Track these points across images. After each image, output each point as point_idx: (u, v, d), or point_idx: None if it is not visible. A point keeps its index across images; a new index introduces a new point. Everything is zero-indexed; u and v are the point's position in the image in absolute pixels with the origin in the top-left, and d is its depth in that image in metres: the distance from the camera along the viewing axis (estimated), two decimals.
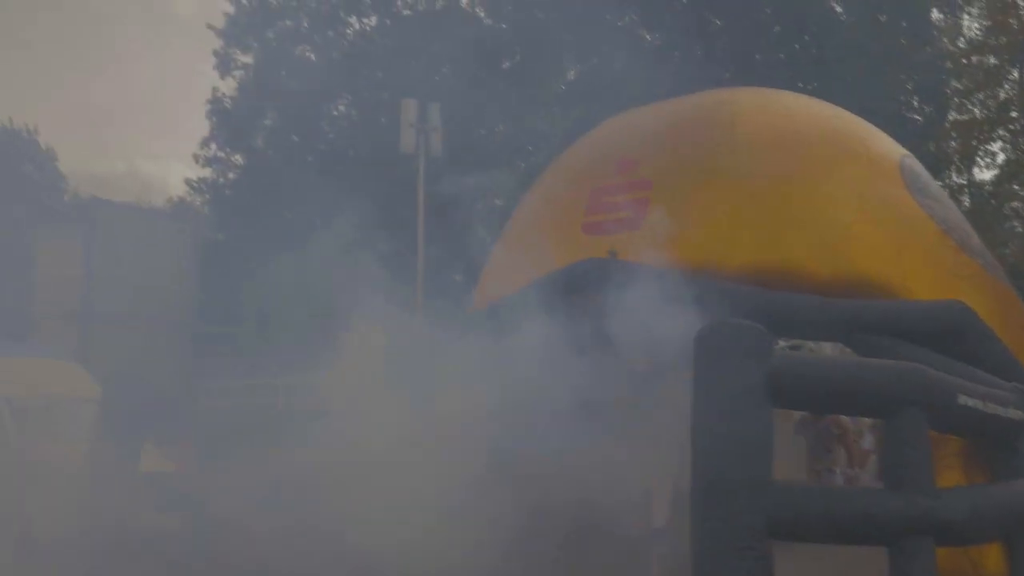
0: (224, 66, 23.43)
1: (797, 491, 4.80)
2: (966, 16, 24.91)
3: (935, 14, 23.17)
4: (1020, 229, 21.13)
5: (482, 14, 23.55)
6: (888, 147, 7.49)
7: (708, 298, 6.21)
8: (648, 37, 22.35)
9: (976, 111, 23.35)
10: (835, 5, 20.61)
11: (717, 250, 6.65)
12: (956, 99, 22.40)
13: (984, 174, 22.38)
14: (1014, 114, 21.08)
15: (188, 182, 22.55)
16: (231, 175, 23.07)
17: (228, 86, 23.38)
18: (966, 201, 20.60)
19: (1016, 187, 21.11)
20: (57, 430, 9.94)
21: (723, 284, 6.29)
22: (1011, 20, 19.50)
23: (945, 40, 22.93)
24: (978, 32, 25.39)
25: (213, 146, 22.96)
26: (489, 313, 7.47)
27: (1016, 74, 21.39)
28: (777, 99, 7.79)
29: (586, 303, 6.43)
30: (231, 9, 23.45)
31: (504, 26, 21.95)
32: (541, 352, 6.23)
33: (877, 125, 7.84)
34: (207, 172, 22.94)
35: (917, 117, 20.57)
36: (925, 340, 6.21)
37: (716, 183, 6.92)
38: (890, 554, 4.89)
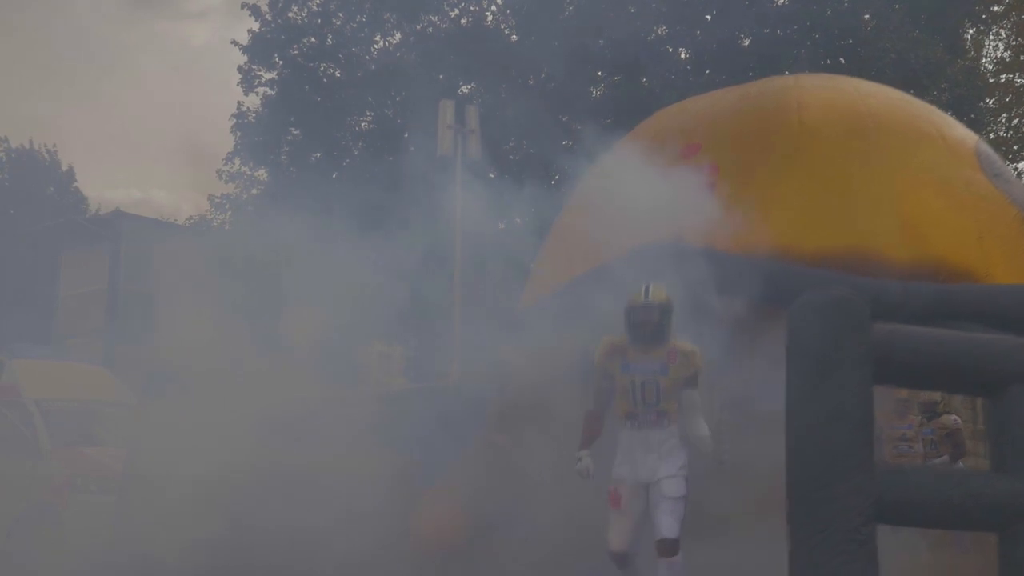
0: (248, 83, 23.32)
1: (906, 472, 4.47)
2: (997, 35, 24.78)
3: (969, 32, 22.97)
4: None
5: (507, 30, 23.41)
6: (962, 131, 7.24)
7: (783, 282, 5.95)
8: (679, 52, 22.17)
9: (1002, 131, 23.16)
10: (870, 19, 20.40)
11: (790, 235, 6.38)
12: (988, 117, 22.20)
13: None
14: None
15: (211, 198, 22.41)
16: (255, 191, 22.93)
17: (252, 102, 23.25)
18: None
19: None
20: (89, 434, 9.72)
21: (800, 268, 6.01)
22: None
23: (974, 55, 22.73)
24: (1007, 53, 25.29)
25: (237, 161, 22.83)
26: (543, 304, 7.24)
27: None
28: (843, 84, 7.54)
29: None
30: (255, 26, 23.36)
31: (531, 41, 21.78)
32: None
33: None
34: (230, 188, 22.82)
35: None
36: (1012, 325, 5.90)
37: (787, 168, 6.68)
38: (1000, 540, 4.56)
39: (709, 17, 21.22)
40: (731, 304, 5.95)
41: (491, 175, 15.38)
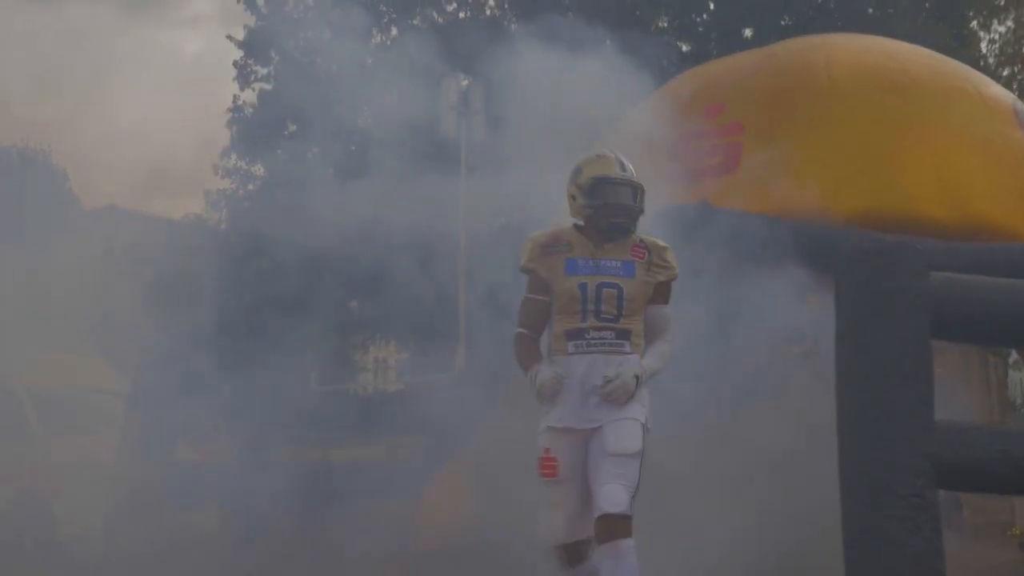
0: (244, 78, 22.98)
1: (968, 431, 4.12)
2: (997, 30, 24.57)
3: (973, 22, 22.71)
4: None
5: (507, 23, 23.10)
6: (998, 88, 6.93)
7: (822, 243, 5.62)
8: (680, 44, 21.86)
9: None
10: (871, 8, 20.12)
11: (825, 195, 6.05)
12: None
13: None
14: None
15: (207, 194, 22.07)
16: (251, 186, 22.57)
17: (248, 96, 22.92)
18: None
19: None
20: (82, 422, 9.39)
21: (840, 229, 5.68)
22: None
23: (982, 46, 22.50)
24: (1010, 44, 25.07)
25: (234, 156, 22.48)
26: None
27: None
28: (872, 42, 7.24)
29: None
30: (252, 21, 23.04)
31: (530, 32, 21.48)
32: None
33: None
34: (226, 184, 22.45)
35: None
36: None
37: (817, 126, 6.36)
38: None
39: (712, 4, 20.91)
40: (766, 267, 5.62)
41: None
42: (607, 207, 4.01)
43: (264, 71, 23.04)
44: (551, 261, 4.01)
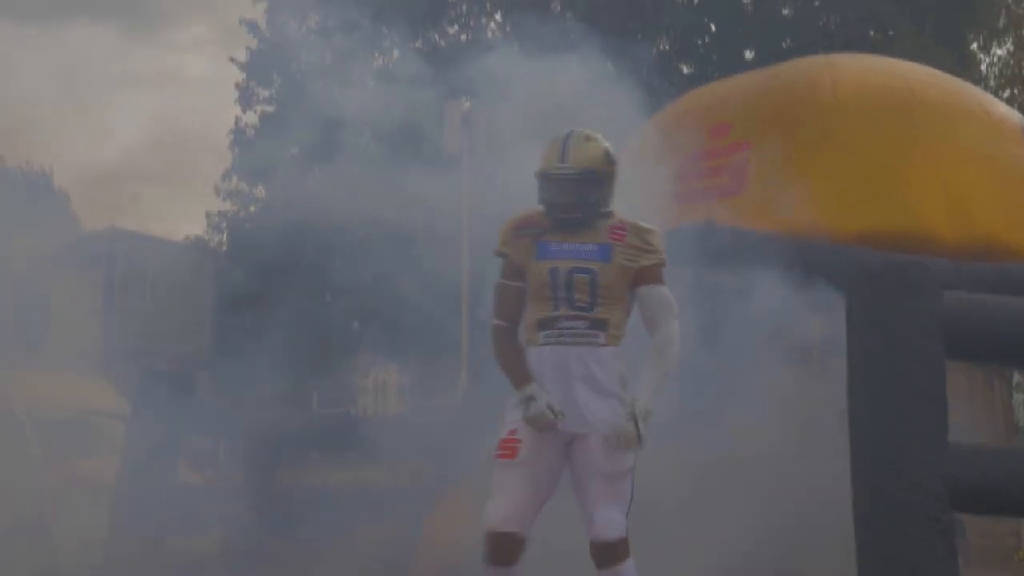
0: (245, 100, 23.06)
1: (983, 453, 4.06)
2: (996, 50, 24.67)
3: (973, 44, 22.79)
4: None
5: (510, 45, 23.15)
6: (1004, 108, 6.92)
7: (830, 263, 5.57)
8: (681, 66, 21.92)
9: None
10: (870, 31, 20.17)
11: (831, 215, 6.01)
12: None
13: None
14: None
15: (208, 216, 22.11)
16: (252, 208, 22.58)
17: (251, 119, 22.99)
18: None
19: None
20: (82, 444, 9.30)
21: (849, 248, 5.63)
22: None
23: (983, 68, 22.60)
24: (1009, 66, 25.17)
25: (234, 178, 22.51)
26: None
27: None
28: (877, 62, 7.24)
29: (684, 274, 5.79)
30: (253, 42, 23.12)
31: (535, 56, 21.53)
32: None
33: None
34: (227, 206, 22.49)
35: None
36: None
37: (824, 145, 6.33)
38: None
39: (713, 27, 20.98)
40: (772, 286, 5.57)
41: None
42: (550, 206, 3.68)
43: (266, 93, 23.11)
44: (523, 243, 3.67)
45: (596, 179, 3.66)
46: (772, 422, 5.35)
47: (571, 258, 3.61)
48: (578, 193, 3.63)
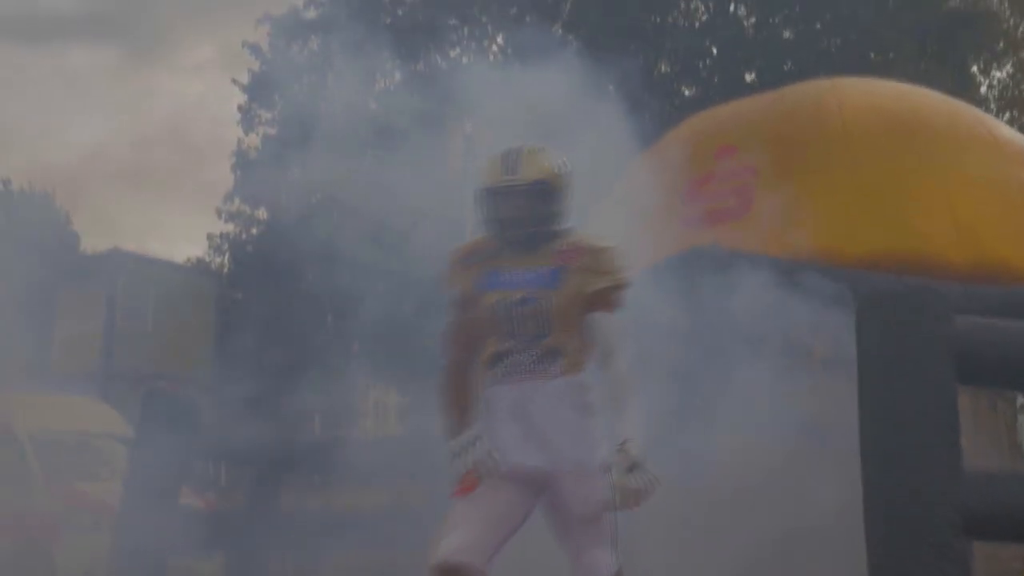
0: (248, 122, 23.11)
1: (1000, 479, 4.02)
2: (999, 72, 24.77)
3: (973, 67, 22.87)
4: None
5: (514, 67, 23.23)
6: (1009, 131, 6.92)
7: (840, 285, 5.55)
8: (683, 89, 21.99)
9: None
10: (871, 54, 20.23)
11: (838, 238, 6.00)
12: None
13: None
14: None
15: (209, 237, 22.14)
16: (254, 230, 22.61)
17: (253, 141, 23.05)
18: None
19: None
20: (84, 468, 9.26)
21: (858, 271, 5.62)
22: None
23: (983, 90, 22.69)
24: (1008, 89, 25.28)
25: (237, 200, 22.54)
26: None
27: None
28: (883, 86, 7.25)
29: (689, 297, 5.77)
30: (256, 64, 23.20)
31: (536, 79, 21.59)
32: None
33: None
34: (229, 228, 22.52)
35: None
36: None
37: (831, 169, 6.33)
38: None
39: (715, 50, 21.04)
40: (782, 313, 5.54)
41: None
42: (497, 223, 3.37)
43: (268, 115, 23.16)
44: (470, 274, 3.40)
45: (548, 191, 3.39)
46: (779, 442, 5.32)
47: (519, 287, 3.33)
48: (530, 206, 3.35)
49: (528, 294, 3.31)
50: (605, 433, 3.31)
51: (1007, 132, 6.88)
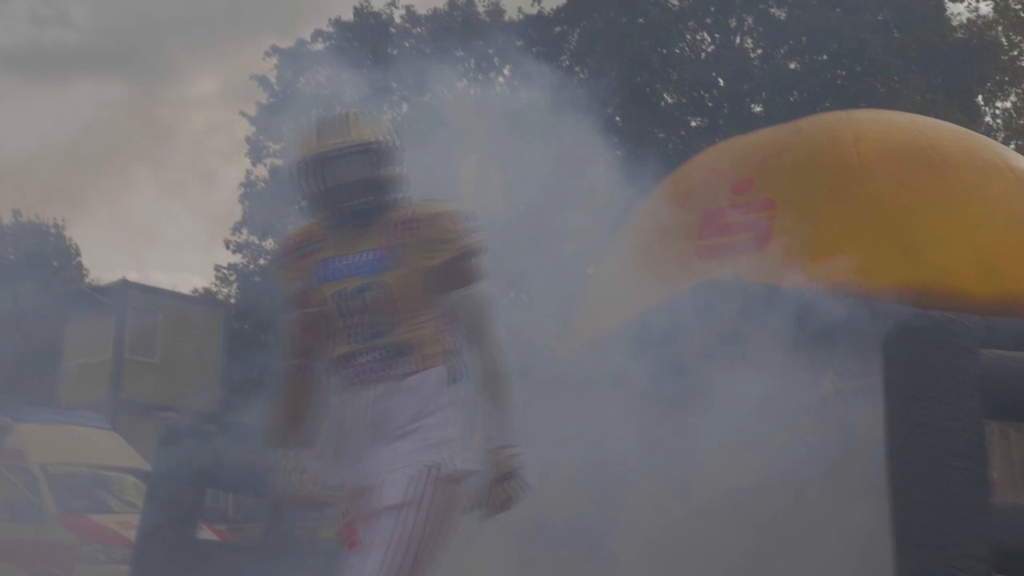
0: (256, 153, 23.26)
1: None
2: (1005, 103, 24.90)
3: (979, 96, 22.98)
4: None
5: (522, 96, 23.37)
6: None
7: (860, 318, 5.54)
8: (691, 121, 22.08)
9: None
10: (878, 85, 20.33)
11: (857, 271, 5.98)
12: None
13: None
14: None
15: (217, 268, 22.15)
16: (262, 261, 22.68)
17: (261, 172, 23.18)
18: None
19: None
20: (97, 500, 9.22)
21: (878, 304, 5.61)
22: None
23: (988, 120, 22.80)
24: (1014, 119, 25.42)
25: (245, 231, 22.62)
26: (584, 353, 6.80)
27: None
28: (898, 117, 7.26)
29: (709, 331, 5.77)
30: (264, 96, 23.38)
31: (542, 106, 21.71)
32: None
33: None
34: (237, 259, 22.60)
35: None
36: None
37: (849, 202, 6.32)
38: None
39: (722, 81, 21.16)
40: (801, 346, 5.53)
41: None
42: (325, 197, 2.88)
43: (276, 147, 23.31)
44: (304, 265, 2.96)
45: (381, 153, 2.93)
46: (804, 475, 5.30)
47: (355, 274, 2.86)
48: (363, 171, 2.88)
49: (367, 280, 2.84)
50: (466, 432, 2.88)
51: (1022, 162, 6.89)
